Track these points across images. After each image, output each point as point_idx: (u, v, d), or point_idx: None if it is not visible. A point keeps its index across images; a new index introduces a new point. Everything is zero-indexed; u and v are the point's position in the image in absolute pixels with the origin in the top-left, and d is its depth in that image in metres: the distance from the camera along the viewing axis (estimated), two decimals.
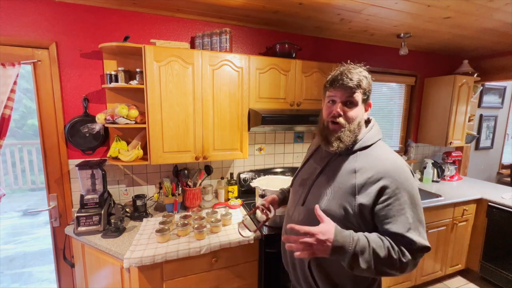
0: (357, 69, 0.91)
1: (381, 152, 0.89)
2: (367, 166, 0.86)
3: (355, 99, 0.89)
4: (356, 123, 0.90)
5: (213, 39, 1.75)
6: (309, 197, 0.95)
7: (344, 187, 0.87)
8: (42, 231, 3.25)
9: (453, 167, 2.86)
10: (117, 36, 1.70)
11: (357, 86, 0.88)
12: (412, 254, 0.80)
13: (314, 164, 1.03)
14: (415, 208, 0.82)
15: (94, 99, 1.74)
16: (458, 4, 1.57)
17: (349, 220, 0.85)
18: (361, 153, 0.90)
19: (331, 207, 0.87)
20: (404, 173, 0.84)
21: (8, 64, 1.48)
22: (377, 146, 0.91)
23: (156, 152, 1.59)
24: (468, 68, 2.71)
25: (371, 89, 0.92)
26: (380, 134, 0.96)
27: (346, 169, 0.89)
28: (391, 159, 0.87)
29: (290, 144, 2.32)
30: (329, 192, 0.89)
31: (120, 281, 1.40)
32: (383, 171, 0.83)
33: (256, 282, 1.57)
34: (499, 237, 2.25)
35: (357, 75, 0.88)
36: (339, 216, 0.85)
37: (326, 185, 0.91)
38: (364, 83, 0.89)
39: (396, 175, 0.83)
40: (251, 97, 1.77)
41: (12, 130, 4.12)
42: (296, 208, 1.01)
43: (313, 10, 1.70)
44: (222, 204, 1.94)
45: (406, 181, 0.83)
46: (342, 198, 0.86)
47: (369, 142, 0.91)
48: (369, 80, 0.92)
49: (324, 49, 2.32)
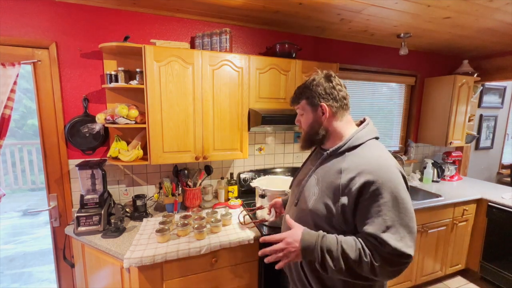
0: (306, 82, 0.97)
1: (368, 151, 0.87)
2: (352, 166, 0.84)
3: (299, 110, 0.99)
4: (310, 127, 0.96)
5: (213, 39, 1.75)
6: (301, 197, 0.96)
7: (330, 187, 0.86)
8: (42, 231, 3.25)
9: (453, 167, 2.86)
10: (117, 36, 1.70)
11: (296, 99, 0.99)
12: (387, 259, 0.75)
13: (310, 165, 1.04)
14: (398, 211, 0.77)
15: (94, 99, 1.74)
16: (458, 4, 1.57)
17: (333, 221, 0.85)
18: (350, 153, 0.89)
19: (318, 207, 0.87)
20: (388, 172, 0.80)
21: (8, 64, 1.48)
22: (366, 146, 0.89)
23: (156, 152, 1.59)
24: (468, 68, 2.71)
25: (316, 90, 0.92)
26: (374, 133, 0.93)
27: (334, 169, 0.88)
28: (376, 157, 0.84)
29: (290, 144, 2.32)
30: (317, 192, 0.90)
31: (120, 281, 1.40)
32: (366, 170, 0.80)
33: (256, 282, 1.57)
34: (499, 237, 2.25)
35: (299, 89, 0.98)
36: (324, 216, 0.86)
37: (315, 185, 0.92)
38: (305, 90, 0.94)
39: (379, 173, 0.79)
40: (251, 97, 1.77)
41: (12, 130, 4.12)
42: (291, 209, 1.02)
43: (313, 10, 1.70)
44: (222, 204, 1.94)
45: (389, 181, 0.78)
46: (328, 198, 0.86)
47: (357, 141, 0.89)
48: (313, 83, 0.93)
49: (324, 49, 2.32)
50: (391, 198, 0.78)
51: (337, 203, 0.83)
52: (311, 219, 0.89)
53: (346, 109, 0.95)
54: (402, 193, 0.79)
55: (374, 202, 0.78)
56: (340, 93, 0.93)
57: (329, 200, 0.85)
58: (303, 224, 0.89)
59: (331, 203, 0.84)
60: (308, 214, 0.90)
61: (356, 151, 0.88)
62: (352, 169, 0.83)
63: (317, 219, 0.87)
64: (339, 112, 0.93)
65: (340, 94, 0.92)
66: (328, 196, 0.86)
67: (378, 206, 0.77)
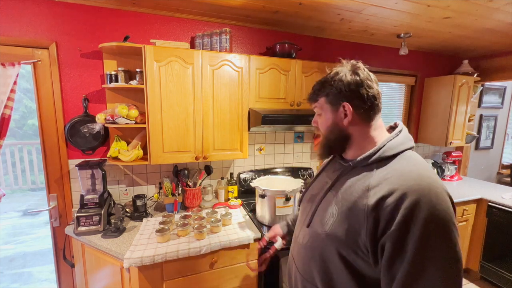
0: (327, 75, 0.80)
1: (406, 165, 0.67)
2: (384, 182, 0.64)
3: (317, 109, 0.83)
4: (329, 131, 0.79)
5: (213, 39, 1.75)
6: (315, 217, 0.79)
7: (353, 208, 0.67)
8: (42, 231, 3.25)
9: (453, 167, 2.86)
10: (117, 36, 1.70)
11: (314, 96, 0.82)
12: None
13: (326, 178, 0.86)
14: (445, 260, 0.55)
15: (94, 99, 1.74)
16: (458, 4, 1.57)
17: (360, 249, 0.65)
18: (381, 166, 0.69)
19: (337, 232, 0.69)
20: (434, 196, 0.58)
21: (8, 64, 1.48)
22: (403, 158, 0.69)
23: (156, 152, 1.59)
24: (468, 68, 2.71)
25: (341, 87, 0.74)
26: (410, 142, 0.74)
27: (358, 186, 0.69)
28: (417, 173, 0.63)
29: (290, 144, 2.32)
30: (336, 213, 0.71)
31: (120, 281, 1.40)
32: (403, 188, 0.60)
33: (256, 282, 1.57)
34: (499, 237, 2.25)
35: (318, 84, 0.81)
36: (347, 243, 0.67)
37: (334, 204, 0.74)
38: (325, 86, 0.77)
39: (423, 194, 0.58)
40: (251, 97, 1.77)
41: (12, 130, 4.13)
42: (302, 229, 0.86)
43: (313, 10, 1.70)
44: (222, 204, 1.94)
45: (430, 207, 0.57)
46: (350, 222, 0.67)
47: (391, 152, 0.70)
48: (335, 78, 0.75)
49: (324, 49, 2.32)
50: (434, 229, 0.56)
51: (363, 230, 0.63)
52: (333, 246, 0.70)
53: (377, 111, 0.74)
54: (451, 227, 0.57)
55: (402, 234, 0.57)
56: (370, 90, 0.72)
57: (352, 225, 0.66)
58: (318, 251, 0.74)
59: (356, 228, 0.65)
60: (325, 240, 0.72)
61: (390, 164, 0.69)
62: (383, 187, 0.64)
63: (340, 247, 0.68)
64: (367, 114, 0.73)
65: (369, 92, 0.72)
66: (352, 219, 0.67)
67: (402, 241, 0.57)
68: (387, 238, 0.59)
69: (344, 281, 0.69)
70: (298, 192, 1.63)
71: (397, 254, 0.58)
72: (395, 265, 0.58)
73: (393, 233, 0.58)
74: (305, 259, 0.77)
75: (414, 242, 0.56)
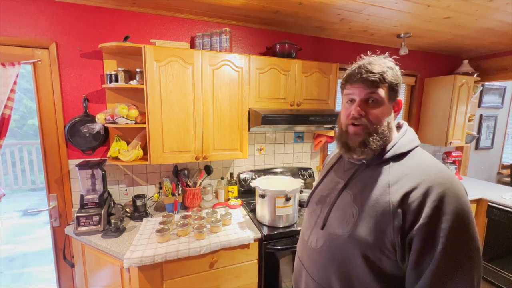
0: (380, 60, 0.74)
1: (422, 160, 0.69)
2: (403, 178, 0.66)
3: (378, 96, 0.71)
4: (385, 125, 0.72)
5: (213, 39, 1.75)
6: (331, 219, 0.76)
7: (376, 206, 0.66)
8: (42, 231, 3.25)
9: (453, 167, 2.85)
10: (117, 36, 1.70)
11: (380, 80, 0.70)
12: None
13: (336, 178, 0.84)
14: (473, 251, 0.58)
15: (94, 99, 1.74)
16: (458, 4, 1.57)
17: (385, 247, 0.64)
18: (395, 162, 0.71)
19: (360, 232, 0.67)
20: (455, 187, 0.62)
21: (8, 64, 1.48)
22: (416, 154, 0.72)
23: (156, 152, 1.59)
24: (468, 68, 2.71)
25: (399, 83, 0.73)
26: (417, 140, 0.76)
27: (378, 183, 0.69)
28: (435, 166, 0.66)
29: (290, 144, 2.32)
30: (356, 213, 0.70)
31: (120, 281, 1.40)
32: (426, 181, 0.62)
33: (256, 282, 1.57)
34: (499, 237, 2.25)
35: (379, 67, 0.71)
36: (372, 243, 0.65)
37: (352, 204, 0.72)
38: (389, 75, 0.71)
39: (446, 185, 0.60)
40: (251, 97, 1.77)
41: (12, 130, 4.13)
42: (313, 232, 0.82)
43: (313, 10, 1.70)
44: (222, 204, 1.94)
45: (456, 199, 0.59)
46: (374, 220, 0.66)
47: (404, 148, 0.72)
48: (395, 72, 0.72)
49: (324, 49, 2.32)
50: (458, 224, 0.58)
51: (389, 226, 0.63)
52: (356, 247, 0.68)
53: None
54: (474, 223, 0.60)
55: (431, 229, 0.59)
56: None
57: (376, 223, 0.65)
58: (336, 254, 0.72)
59: (380, 226, 0.64)
60: (347, 241, 0.70)
61: (405, 160, 0.70)
62: (405, 183, 0.65)
63: (365, 247, 0.66)
64: None
65: None
66: (375, 217, 0.66)
67: (433, 236, 0.58)
68: (416, 232, 0.59)
69: (366, 285, 0.67)
70: (298, 192, 1.63)
71: (427, 247, 0.59)
72: (425, 259, 0.59)
73: (422, 226, 0.59)
74: (320, 264, 0.74)
75: (445, 234, 0.57)
